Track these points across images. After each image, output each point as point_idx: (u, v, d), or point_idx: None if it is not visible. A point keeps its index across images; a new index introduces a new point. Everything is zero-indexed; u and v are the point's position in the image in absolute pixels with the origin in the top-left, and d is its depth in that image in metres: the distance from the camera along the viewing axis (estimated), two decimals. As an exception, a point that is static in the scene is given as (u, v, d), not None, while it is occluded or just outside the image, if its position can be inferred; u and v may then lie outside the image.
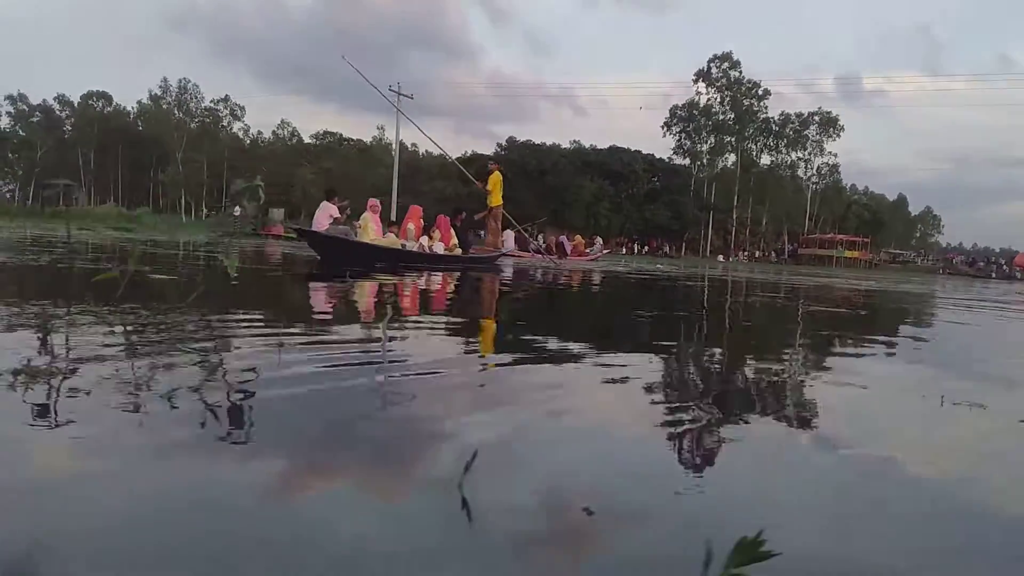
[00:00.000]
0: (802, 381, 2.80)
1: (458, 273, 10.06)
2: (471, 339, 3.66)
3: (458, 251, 13.45)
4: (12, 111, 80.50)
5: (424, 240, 13.05)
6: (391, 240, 12.18)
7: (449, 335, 3.65)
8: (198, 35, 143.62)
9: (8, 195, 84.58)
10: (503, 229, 15.86)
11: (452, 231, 13.67)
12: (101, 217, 52.97)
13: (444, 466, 1.39)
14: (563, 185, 64.19)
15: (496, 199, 15.31)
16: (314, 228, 11.52)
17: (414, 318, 4.34)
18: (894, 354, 4.01)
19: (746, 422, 2.02)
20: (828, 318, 6.45)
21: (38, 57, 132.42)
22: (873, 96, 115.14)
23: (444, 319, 4.42)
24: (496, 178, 15.36)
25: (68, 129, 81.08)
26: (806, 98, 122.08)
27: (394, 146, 53.97)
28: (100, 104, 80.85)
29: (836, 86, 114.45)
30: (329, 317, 4.36)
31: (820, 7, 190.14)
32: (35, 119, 79.84)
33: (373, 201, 13.26)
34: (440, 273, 9.77)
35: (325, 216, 11.80)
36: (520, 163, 66.45)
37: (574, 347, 3.38)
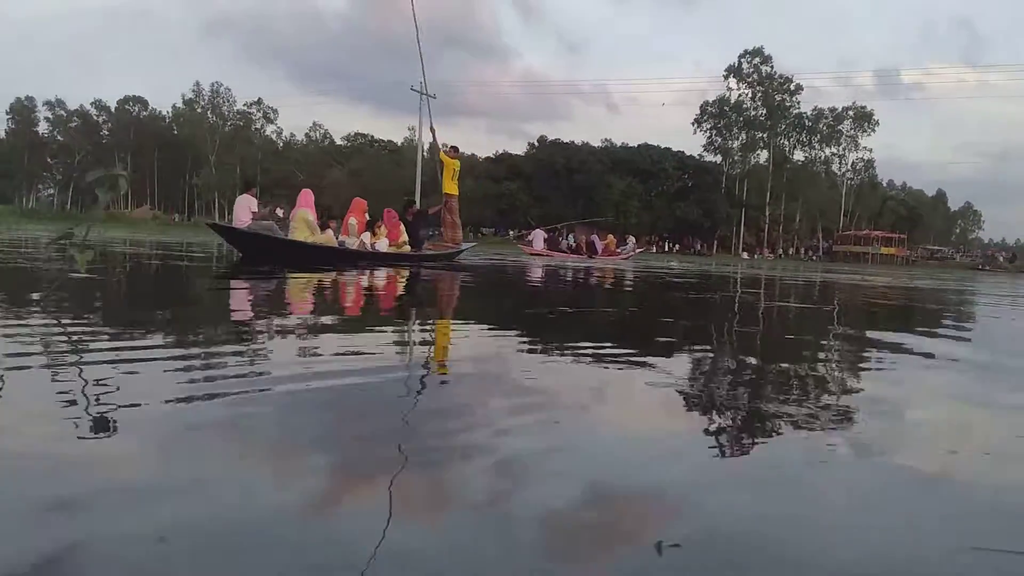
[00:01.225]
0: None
1: (406, 272, 9.30)
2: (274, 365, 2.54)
3: (406, 248, 12.41)
4: (51, 116, 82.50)
5: (366, 236, 11.77)
6: (326, 237, 11.06)
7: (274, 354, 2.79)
8: (234, 40, 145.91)
9: (49, 199, 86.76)
10: (457, 223, 14.05)
11: (401, 226, 12.59)
12: (134, 221, 53.92)
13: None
14: (592, 184, 63.94)
15: (450, 187, 13.88)
16: (235, 224, 10.48)
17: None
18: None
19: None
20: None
21: (76, 64, 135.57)
22: (912, 90, 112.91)
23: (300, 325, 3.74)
24: (455, 164, 14.04)
25: (105, 134, 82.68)
26: (843, 92, 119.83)
27: (417, 145, 54.06)
28: (136, 109, 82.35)
29: (873, 80, 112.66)
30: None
31: (855, 4, 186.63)
32: (73, 124, 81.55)
33: (359, 201, 12.73)
34: (386, 271, 9.18)
35: (244, 210, 10.57)
36: (549, 162, 66.41)
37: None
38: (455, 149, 14.77)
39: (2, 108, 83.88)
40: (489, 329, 4.13)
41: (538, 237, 28.91)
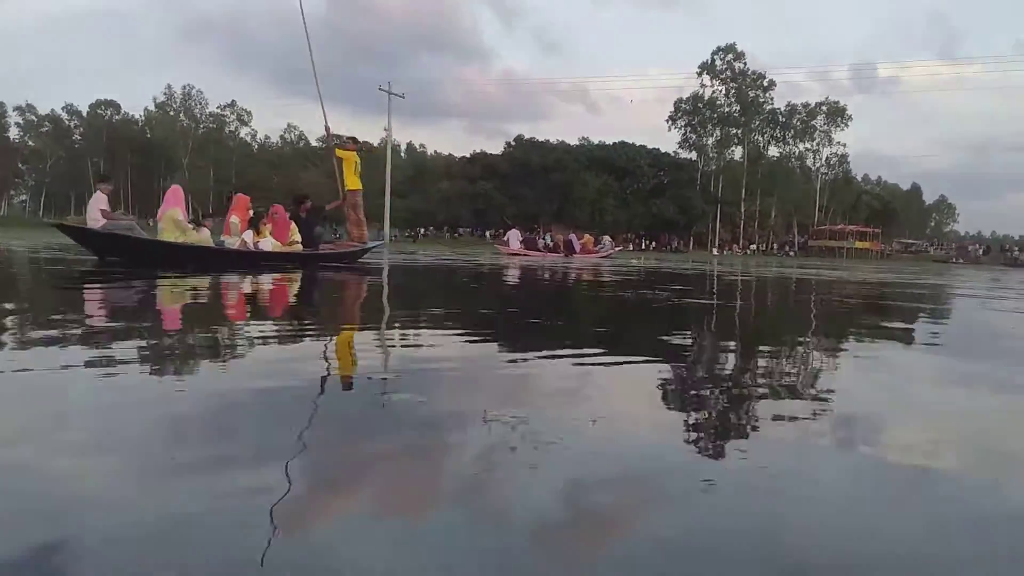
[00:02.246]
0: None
1: (297, 275, 8.65)
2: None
3: (298, 247, 11.38)
4: (21, 122, 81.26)
5: (247, 235, 10.66)
6: (198, 237, 10.23)
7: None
8: (210, 44, 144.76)
9: (21, 205, 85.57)
10: (362, 220, 13.01)
11: (292, 224, 11.58)
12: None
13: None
14: (567, 181, 64.06)
15: (352, 181, 12.77)
16: (88, 223, 9.66)
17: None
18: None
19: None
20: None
21: (46, 68, 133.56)
22: (887, 84, 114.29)
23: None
24: (354, 157, 12.93)
25: (77, 138, 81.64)
26: (820, 88, 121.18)
27: (387, 145, 54.00)
28: (108, 113, 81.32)
29: (849, 75, 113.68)
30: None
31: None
32: (44, 129, 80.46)
33: (241, 197, 11.84)
34: (273, 274, 8.47)
35: (96, 209, 9.73)
36: (524, 160, 66.46)
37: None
38: (354, 140, 13.61)
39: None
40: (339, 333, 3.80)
41: (514, 237, 28.92)
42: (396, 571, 1.02)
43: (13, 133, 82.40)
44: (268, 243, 10.81)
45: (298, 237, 11.51)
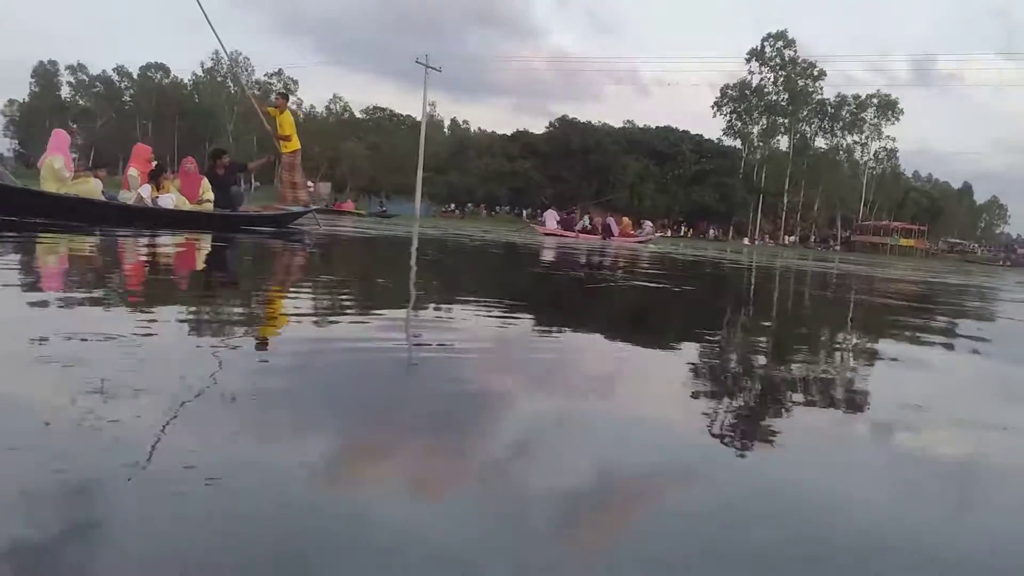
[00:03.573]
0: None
1: (206, 238, 7.81)
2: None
3: (208, 207, 10.19)
4: (72, 81, 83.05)
5: (144, 190, 9.38)
6: (84, 189, 8.91)
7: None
8: (263, 10, 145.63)
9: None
10: (297, 182, 12.13)
11: (204, 181, 10.43)
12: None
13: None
14: (606, 164, 63.57)
15: (294, 142, 12.17)
16: None
17: None
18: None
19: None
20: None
21: (100, 29, 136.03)
22: (944, 79, 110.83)
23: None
24: (289, 117, 12.31)
25: (127, 100, 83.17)
26: (872, 79, 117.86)
27: (423, 118, 54.02)
28: (159, 76, 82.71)
29: (904, 68, 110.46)
30: None
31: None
32: (96, 89, 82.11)
33: (141, 147, 10.17)
34: (179, 234, 7.76)
35: None
36: (564, 141, 66.05)
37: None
38: (284, 97, 12.97)
39: (26, 71, 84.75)
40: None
41: (550, 217, 28.94)
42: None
43: (65, 92, 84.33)
44: (169, 199, 9.55)
45: (210, 196, 10.30)
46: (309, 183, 11.85)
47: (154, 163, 10.18)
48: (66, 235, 6.39)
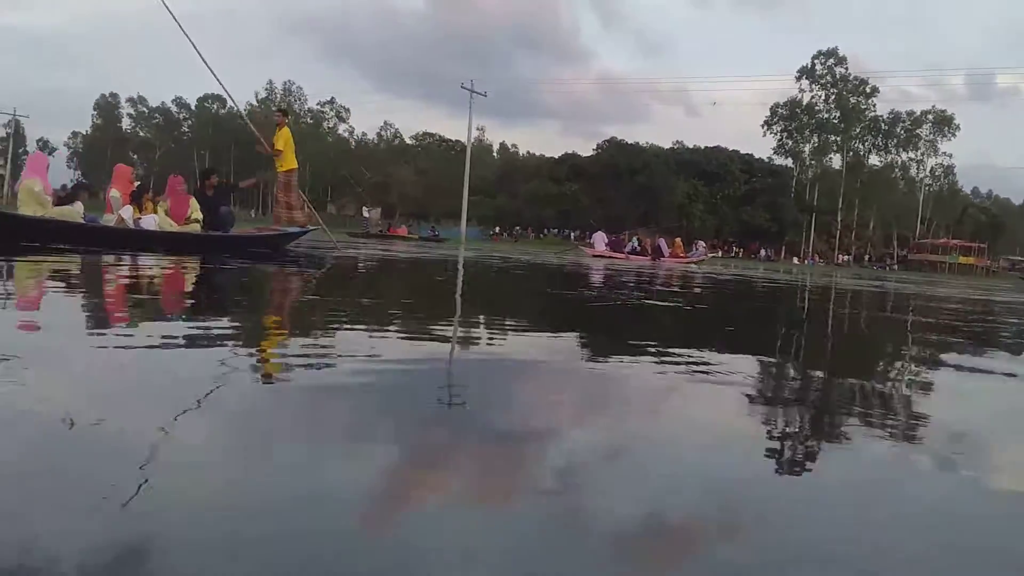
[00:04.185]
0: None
1: (195, 261, 7.58)
2: None
3: (195, 227, 9.84)
4: (133, 113, 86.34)
5: (126, 211, 9.18)
6: (64, 211, 8.75)
7: None
8: (316, 40, 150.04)
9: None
10: (292, 203, 11.49)
11: (192, 200, 10.09)
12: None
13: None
14: (654, 185, 63.41)
15: (289, 160, 11.53)
16: None
17: None
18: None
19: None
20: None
21: (158, 63, 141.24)
22: (1005, 94, 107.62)
23: None
24: (286, 133, 11.58)
25: (185, 130, 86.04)
26: (929, 95, 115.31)
27: (467, 140, 54.66)
28: (215, 106, 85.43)
29: (963, 83, 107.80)
30: None
31: (942, 2, 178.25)
32: (155, 120, 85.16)
33: (122, 168, 10.17)
34: (165, 257, 7.46)
35: None
36: (611, 163, 66.14)
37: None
38: (283, 114, 12.28)
39: (89, 104, 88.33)
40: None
41: (599, 239, 29.03)
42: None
43: (125, 123, 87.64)
44: (151, 220, 9.30)
45: (198, 216, 9.97)
46: (306, 206, 11.08)
47: (136, 184, 10.13)
48: (42, 258, 6.24)
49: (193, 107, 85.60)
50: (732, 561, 1.11)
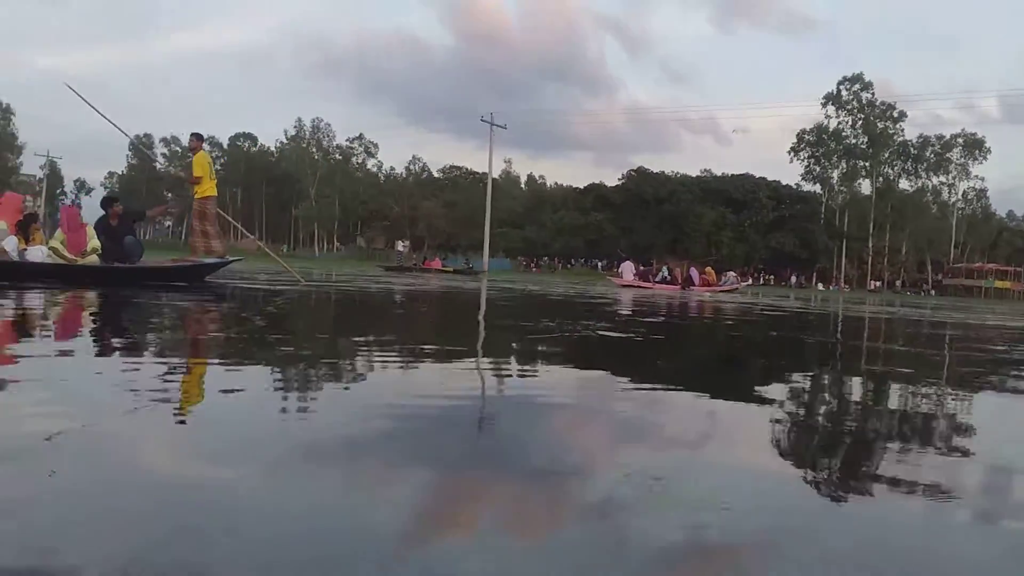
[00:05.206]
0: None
1: (93, 293, 7.16)
2: None
3: (93, 259, 9.38)
4: (167, 152, 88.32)
5: (10, 243, 8.77)
6: None
7: None
8: (345, 78, 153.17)
9: (167, 230, 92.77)
10: (209, 232, 10.80)
11: (88, 230, 9.69)
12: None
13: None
14: (680, 213, 63.42)
15: (207, 187, 10.93)
16: None
17: None
18: None
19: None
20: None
21: (191, 103, 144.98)
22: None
23: None
24: (203, 158, 11.00)
25: (218, 169, 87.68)
26: (960, 118, 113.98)
27: (488, 172, 55.20)
28: (246, 144, 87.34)
29: (995, 106, 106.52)
30: None
31: (974, 25, 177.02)
32: (188, 159, 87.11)
33: (11, 196, 9.96)
34: (51, 291, 6.98)
35: None
36: (637, 192, 66.35)
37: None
38: (198, 139, 11.46)
39: (124, 145, 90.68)
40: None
41: (627, 269, 29.09)
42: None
43: (160, 163, 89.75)
44: (38, 252, 8.95)
45: (96, 245, 9.54)
46: (251, 235, 10.52)
47: (25, 213, 9.61)
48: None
49: (225, 146, 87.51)
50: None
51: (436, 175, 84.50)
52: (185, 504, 1.30)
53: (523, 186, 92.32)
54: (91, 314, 5.55)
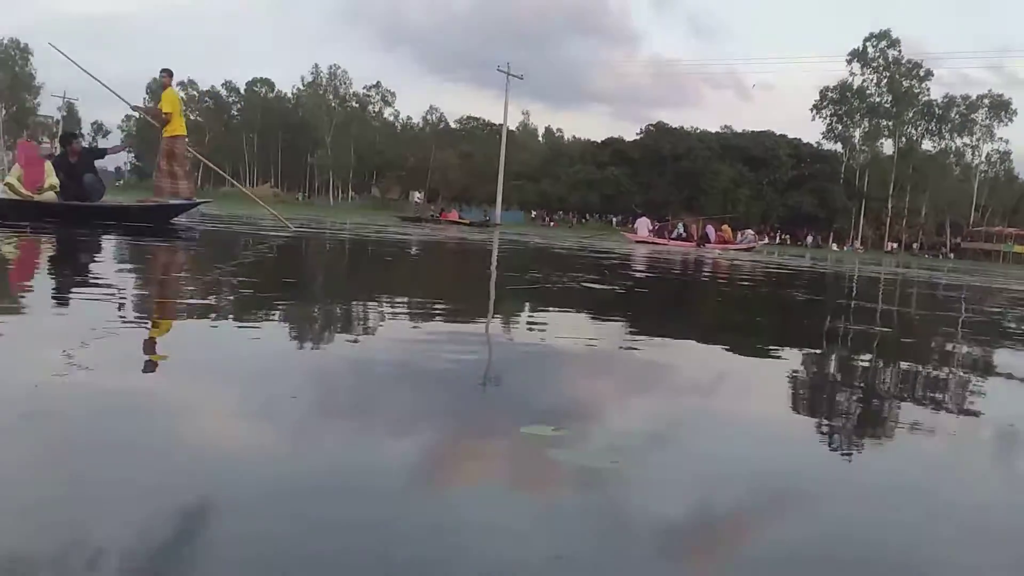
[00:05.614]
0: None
1: (48, 233, 7.00)
2: None
3: (50, 196, 9.05)
4: (184, 96, 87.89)
5: None
6: None
7: None
8: (365, 25, 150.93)
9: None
10: (176, 172, 10.52)
11: (46, 166, 9.32)
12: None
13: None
14: (697, 170, 62.76)
15: (176, 125, 10.72)
16: None
17: None
18: None
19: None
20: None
21: (209, 46, 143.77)
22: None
23: None
24: (171, 95, 10.86)
25: (235, 114, 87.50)
26: (989, 79, 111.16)
27: (504, 123, 54.78)
28: (264, 90, 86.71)
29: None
30: None
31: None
32: (206, 104, 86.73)
33: None
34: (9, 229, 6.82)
35: None
36: (655, 148, 65.61)
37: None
38: (167, 74, 10.98)
39: (141, 88, 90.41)
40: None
41: (643, 225, 29.04)
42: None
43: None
44: None
45: (54, 182, 9.19)
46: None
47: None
48: None
49: (242, 91, 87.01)
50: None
51: (453, 126, 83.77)
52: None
53: (541, 139, 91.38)
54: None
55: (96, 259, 5.52)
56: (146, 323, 2.84)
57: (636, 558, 1.01)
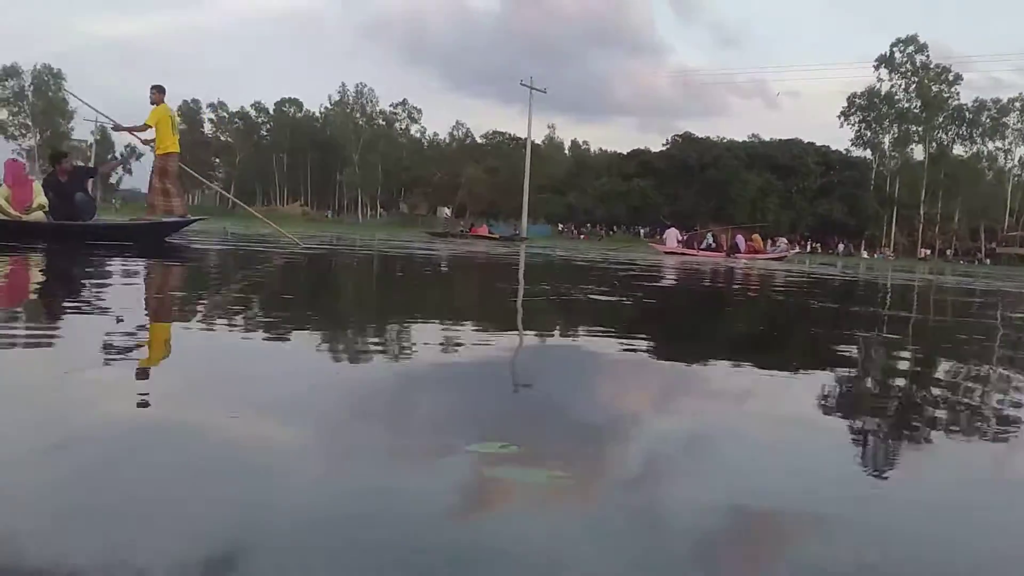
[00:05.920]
0: None
1: (36, 255, 6.76)
2: None
3: (38, 215, 8.96)
4: (214, 118, 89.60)
5: None
6: None
7: None
8: (390, 43, 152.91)
9: (213, 196, 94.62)
10: (169, 190, 10.28)
11: (34, 185, 9.27)
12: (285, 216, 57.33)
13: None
14: (725, 180, 62.47)
15: (167, 142, 10.27)
16: None
17: None
18: None
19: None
20: None
21: (239, 69, 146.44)
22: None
23: None
24: (162, 112, 10.26)
25: (264, 134, 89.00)
26: (1020, 81, 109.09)
27: (527, 140, 55.05)
28: (292, 110, 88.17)
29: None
30: None
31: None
32: (235, 125, 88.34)
33: None
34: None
35: None
36: (681, 158, 65.47)
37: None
38: (159, 91, 10.30)
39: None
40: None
41: (671, 236, 29.04)
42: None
43: (207, 128, 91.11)
44: None
45: (43, 201, 9.09)
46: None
47: None
48: None
49: (271, 111, 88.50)
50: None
51: (480, 141, 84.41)
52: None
53: (567, 152, 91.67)
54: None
55: (85, 281, 5.25)
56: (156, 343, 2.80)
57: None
